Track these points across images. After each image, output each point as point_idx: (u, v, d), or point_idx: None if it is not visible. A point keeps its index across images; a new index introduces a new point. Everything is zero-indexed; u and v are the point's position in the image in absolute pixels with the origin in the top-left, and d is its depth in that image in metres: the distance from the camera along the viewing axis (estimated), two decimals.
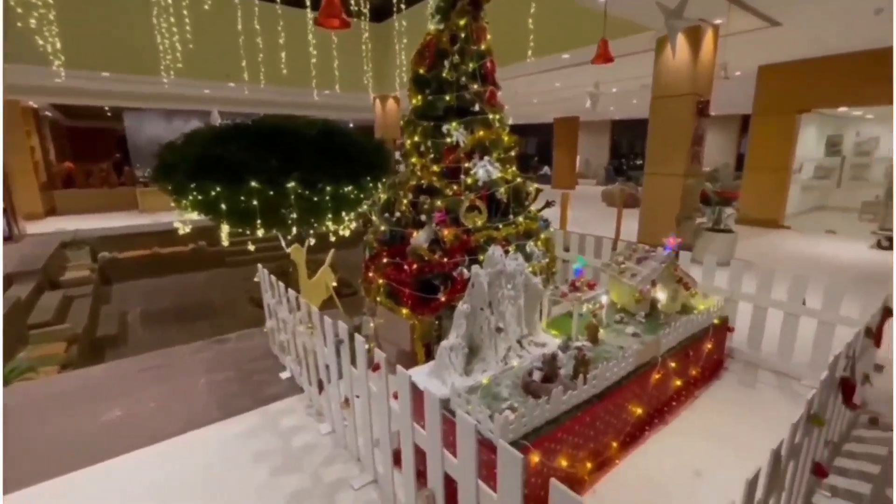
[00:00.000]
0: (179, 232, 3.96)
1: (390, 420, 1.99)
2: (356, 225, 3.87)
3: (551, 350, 2.34)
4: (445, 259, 2.93)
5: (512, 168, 3.33)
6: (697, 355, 3.03)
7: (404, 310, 3.04)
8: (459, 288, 2.74)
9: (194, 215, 3.34)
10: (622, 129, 22.21)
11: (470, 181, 3.09)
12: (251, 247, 4.31)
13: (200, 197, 3.07)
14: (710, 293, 3.48)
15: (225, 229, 3.40)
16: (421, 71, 3.23)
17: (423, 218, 3.12)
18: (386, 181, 3.54)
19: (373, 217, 3.63)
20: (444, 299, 2.87)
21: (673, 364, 2.75)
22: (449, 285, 2.91)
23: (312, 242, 3.79)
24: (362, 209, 3.69)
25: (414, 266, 3.00)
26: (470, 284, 2.29)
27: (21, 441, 2.62)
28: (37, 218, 11.19)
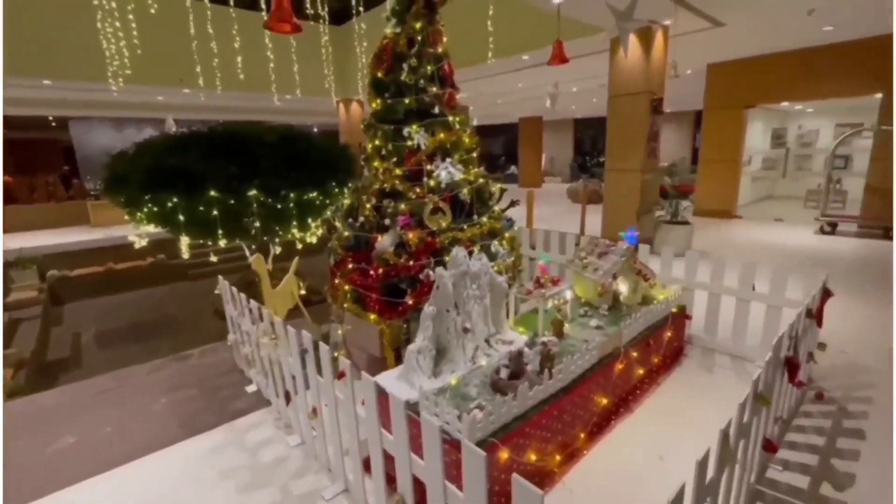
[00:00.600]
0: (135, 246, 3.78)
1: (358, 427, 1.97)
2: (322, 231, 3.81)
3: (518, 347, 2.38)
4: (411, 262, 2.93)
5: (475, 169, 3.37)
6: (658, 344, 3.15)
7: (372, 315, 3.02)
8: (426, 291, 2.74)
9: (151, 228, 3.20)
10: (584, 127, 22.79)
11: (433, 183, 3.11)
12: (214, 258, 4.18)
13: (156, 209, 2.94)
14: (669, 283, 3.62)
15: (185, 241, 3.27)
16: (379, 74, 3.22)
17: (388, 222, 3.11)
18: (351, 186, 3.50)
19: (336, 223, 3.58)
20: (412, 303, 2.87)
21: (635, 353, 2.85)
22: (416, 288, 2.91)
23: (278, 251, 3.70)
24: (327, 215, 3.64)
25: (380, 270, 2.98)
26: (435, 286, 2.30)
27: None
28: None
